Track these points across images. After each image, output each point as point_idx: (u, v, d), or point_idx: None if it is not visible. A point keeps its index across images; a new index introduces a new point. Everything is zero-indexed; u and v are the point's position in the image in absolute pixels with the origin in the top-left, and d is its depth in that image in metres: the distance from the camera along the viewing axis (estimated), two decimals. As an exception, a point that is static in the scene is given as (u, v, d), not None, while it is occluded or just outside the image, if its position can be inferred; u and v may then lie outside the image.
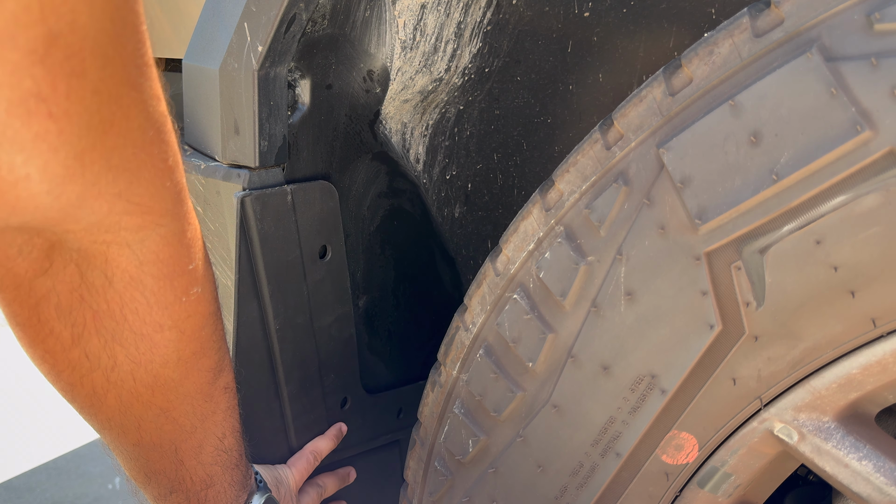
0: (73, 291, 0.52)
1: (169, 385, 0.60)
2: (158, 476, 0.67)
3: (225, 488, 0.72)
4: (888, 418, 0.72)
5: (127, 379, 0.58)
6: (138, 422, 0.61)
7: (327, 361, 0.87)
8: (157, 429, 0.63)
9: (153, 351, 0.57)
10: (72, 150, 0.41)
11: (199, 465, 0.68)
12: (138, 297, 0.54)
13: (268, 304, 0.79)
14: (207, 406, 0.66)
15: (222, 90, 0.73)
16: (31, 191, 0.41)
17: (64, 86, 0.39)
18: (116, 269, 0.51)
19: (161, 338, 0.57)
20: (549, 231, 0.67)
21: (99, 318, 0.54)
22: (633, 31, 0.88)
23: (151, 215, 0.50)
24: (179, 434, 0.65)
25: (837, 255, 0.54)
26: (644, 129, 0.60)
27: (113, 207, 0.47)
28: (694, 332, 0.60)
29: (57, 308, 0.52)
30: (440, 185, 0.93)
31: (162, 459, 0.66)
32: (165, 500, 0.69)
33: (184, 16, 0.87)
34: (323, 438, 0.89)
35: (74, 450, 2.42)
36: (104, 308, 0.53)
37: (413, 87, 0.83)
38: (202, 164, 0.77)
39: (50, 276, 0.51)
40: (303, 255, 0.80)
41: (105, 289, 0.52)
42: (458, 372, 0.75)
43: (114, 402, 0.59)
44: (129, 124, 0.45)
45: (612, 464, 0.67)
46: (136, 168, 0.47)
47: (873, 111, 0.50)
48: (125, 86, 0.43)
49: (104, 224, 0.48)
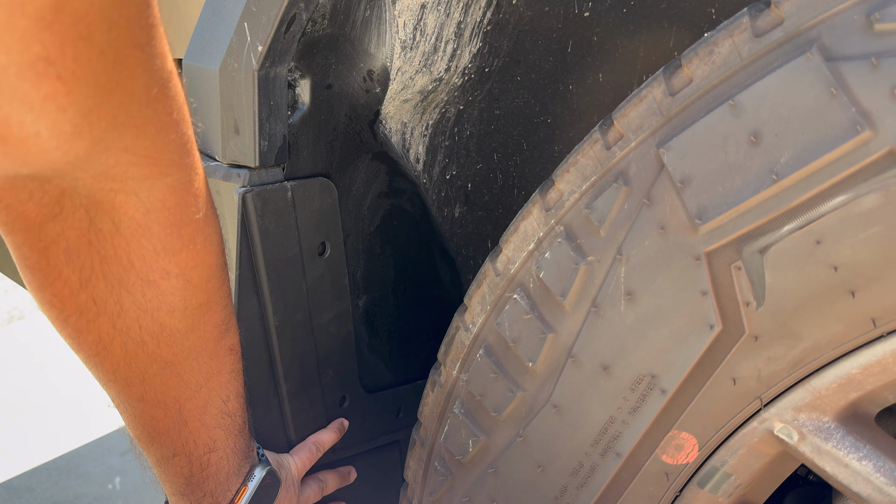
0: (82, 236, 0.53)
1: (175, 336, 0.61)
2: (162, 437, 0.67)
3: (228, 454, 0.72)
4: (888, 418, 0.72)
5: (133, 326, 0.59)
6: (143, 374, 0.62)
7: (326, 359, 0.87)
8: (161, 384, 0.63)
9: (159, 299, 0.58)
10: (79, 109, 0.43)
11: (203, 426, 0.68)
12: (145, 244, 0.55)
13: (267, 301, 0.79)
14: (213, 364, 0.66)
15: (222, 90, 0.73)
16: (40, 146, 0.43)
17: (71, 49, 0.41)
18: (124, 215, 0.53)
19: (168, 285, 0.58)
20: (549, 231, 0.67)
21: (106, 264, 0.55)
22: (633, 31, 0.88)
23: (158, 166, 0.52)
24: (184, 391, 0.65)
25: (837, 255, 0.54)
26: (644, 129, 0.60)
27: (119, 159, 0.49)
28: (694, 332, 0.60)
29: (66, 252, 0.54)
30: (440, 185, 0.93)
31: (166, 418, 0.66)
32: (168, 462, 0.69)
33: (184, 16, 0.86)
34: (325, 431, 0.89)
35: (74, 450, 2.42)
36: (111, 254, 0.55)
37: (413, 86, 0.83)
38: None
39: (59, 221, 0.52)
40: (302, 251, 0.80)
41: (113, 235, 0.54)
42: (458, 372, 0.75)
43: (119, 350, 0.60)
44: (133, 83, 0.46)
45: (612, 464, 0.67)
46: (142, 123, 0.49)
47: (873, 111, 0.50)
48: (130, 47, 0.45)
49: (111, 174, 0.49)
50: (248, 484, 0.75)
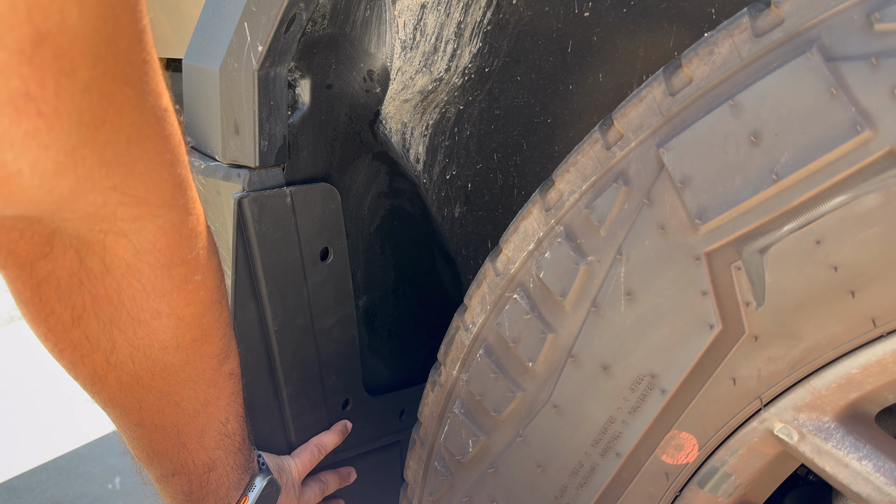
0: (73, 276, 0.53)
1: (169, 370, 0.61)
2: (161, 457, 0.67)
3: (227, 472, 0.72)
4: (888, 418, 0.72)
5: (126, 362, 0.59)
6: (139, 403, 0.62)
7: (329, 363, 0.87)
8: (158, 411, 0.63)
9: (151, 337, 0.58)
10: (62, 146, 0.42)
11: (202, 448, 0.68)
12: (135, 285, 0.54)
13: (266, 306, 0.79)
14: (211, 391, 0.66)
15: (222, 90, 0.73)
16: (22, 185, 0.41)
17: (53, 84, 0.39)
18: (114, 256, 0.52)
19: (159, 325, 0.57)
20: (549, 231, 0.67)
21: (97, 303, 0.55)
22: (633, 31, 0.88)
23: (148, 206, 0.51)
24: (182, 417, 0.65)
25: (837, 255, 0.54)
26: (644, 129, 0.60)
27: (108, 199, 0.47)
28: (694, 332, 0.60)
29: (57, 290, 0.54)
30: (440, 185, 0.93)
31: (164, 441, 0.66)
32: (168, 481, 0.69)
33: (184, 16, 0.86)
34: (328, 433, 0.89)
35: (74, 450, 2.42)
36: (102, 293, 0.54)
37: (413, 86, 0.83)
38: (202, 164, 0.77)
39: (50, 260, 0.52)
40: (303, 256, 0.80)
41: (103, 275, 0.53)
42: (458, 372, 0.75)
43: (114, 383, 0.60)
44: (122, 120, 0.45)
45: (612, 464, 0.67)
46: (131, 162, 0.47)
47: (873, 111, 0.50)
48: (118, 83, 0.44)
49: (100, 214, 0.48)
50: (248, 494, 0.75)
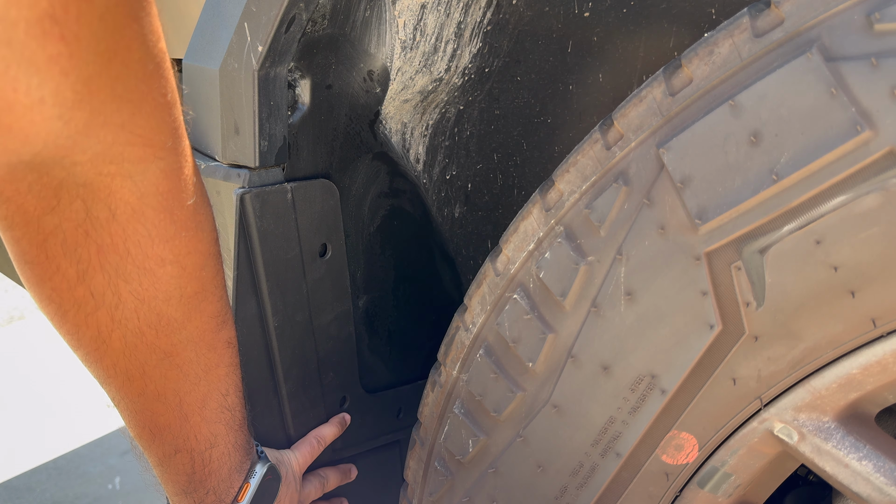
0: (79, 227, 0.54)
1: (172, 325, 0.62)
2: (163, 433, 0.67)
3: (229, 450, 0.72)
4: (888, 418, 0.72)
5: (131, 317, 0.60)
6: (142, 367, 0.62)
7: (326, 360, 0.87)
8: (161, 376, 0.64)
9: (156, 287, 0.59)
10: (80, 74, 0.45)
11: (204, 421, 0.68)
12: (140, 230, 0.56)
13: (267, 302, 0.79)
14: (211, 356, 0.66)
15: (222, 90, 0.73)
16: (44, 115, 0.44)
17: (75, 9, 0.43)
18: (119, 201, 0.54)
19: (163, 273, 0.59)
20: (549, 231, 0.67)
21: (103, 253, 0.56)
22: (633, 31, 0.88)
23: (152, 148, 0.53)
24: (184, 383, 0.65)
25: (837, 255, 0.54)
26: (644, 129, 0.60)
27: (117, 138, 0.50)
28: (694, 332, 0.60)
29: (63, 244, 0.55)
30: (440, 185, 0.93)
31: (166, 412, 0.66)
32: (170, 460, 0.69)
33: (184, 16, 0.86)
34: (327, 426, 0.89)
35: (74, 450, 2.42)
36: (108, 242, 0.56)
37: (413, 87, 0.83)
38: (202, 164, 0.77)
39: (57, 213, 0.53)
40: (302, 253, 0.80)
41: (109, 222, 0.55)
42: (458, 372, 0.75)
43: (118, 343, 0.60)
44: (130, 55, 0.48)
45: (612, 464, 0.67)
46: (139, 99, 0.50)
47: (873, 111, 0.50)
48: (127, 17, 0.47)
49: (109, 154, 0.51)
50: (250, 481, 0.75)
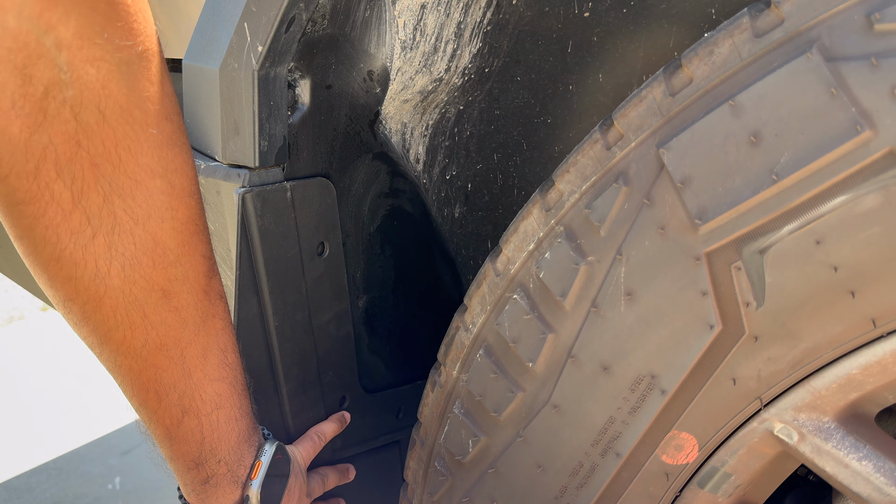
0: (70, 139, 0.53)
1: (167, 256, 0.61)
2: (169, 392, 0.66)
3: (235, 415, 0.71)
4: (888, 418, 0.72)
5: (127, 243, 0.58)
6: (143, 309, 0.62)
7: (326, 359, 0.87)
8: (161, 321, 0.63)
9: (149, 203, 0.58)
10: None
11: (207, 378, 0.68)
12: (129, 133, 0.55)
13: (267, 302, 0.79)
14: (206, 305, 0.66)
15: (222, 90, 0.73)
16: None
17: None
18: (108, 99, 0.53)
19: (153, 186, 0.58)
20: (549, 231, 0.67)
21: (97, 167, 0.55)
22: (633, 31, 0.88)
23: (140, 37, 0.53)
24: (184, 331, 0.65)
25: (837, 256, 0.54)
26: (644, 129, 0.60)
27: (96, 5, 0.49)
28: (694, 332, 0.60)
29: (56, 165, 0.53)
30: (440, 185, 0.93)
31: (170, 366, 0.65)
32: (179, 427, 0.68)
33: (184, 16, 0.86)
34: (327, 422, 0.89)
35: (74, 450, 2.42)
36: (100, 151, 0.54)
37: (413, 87, 0.83)
38: (202, 164, 0.77)
39: (45, 130, 0.51)
40: (301, 251, 0.80)
41: (100, 125, 0.54)
42: (458, 372, 0.75)
43: (118, 278, 0.59)
44: None
45: (612, 464, 0.67)
46: None
47: (873, 111, 0.50)
48: None
49: (93, 29, 0.50)
50: (261, 459, 0.74)
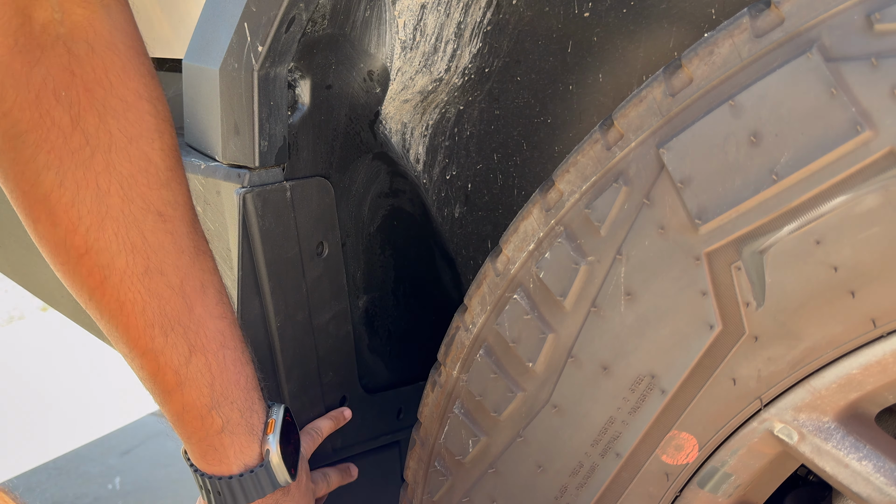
0: (65, 69, 0.59)
1: (159, 177, 0.64)
2: (174, 327, 0.67)
3: (240, 357, 0.71)
4: (888, 418, 0.72)
5: (124, 161, 0.62)
6: (141, 229, 0.64)
7: (326, 359, 0.87)
8: (159, 244, 0.65)
9: (141, 123, 0.63)
10: None
11: (208, 314, 0.68)
12: (116, 62, 0.61)
13: (269, 302, 0.79)
14: (196, 237, 0.68)
15: (222, 90, 0.73)
16: None
17: None
18: (95, 34, 0.60)
19: (142, 108, 0.63)
20: (549, 231, 0.67)
21: (91, 92, 0.60)
22: (633, 31, 0.88)
23: None
24: (181, 258, 0.66)
25: (837, 256, 0.54)
26: (644, 129, 0.60)
27: None
28: (694, 333, 0.60)
29: (54, 92, 0.59)
30: (440, 185, 0.93)
31: (172, 298, 0.66)
32: (187, 365, 0.68)
33: (184, 16, 0.87)
34: (323, 419, 0.88)
35: (74, 450, 2.42)
36: (91, 76, 0.60)
37: (413, 87, 0.83)
38: (202, 164, 0.77)
39: (43, 64, 0.58)
40: (301, 251, 0.80)
41: (90, 56, 0.60)
42: (458, 372, 0.75)
43: (117, 197, 0.62)
44: None
45: (612, 464, 0.67)
46: None
47: (873, 111, 0.50)
48: None
49: None
50: (273, 416, 0.74)
